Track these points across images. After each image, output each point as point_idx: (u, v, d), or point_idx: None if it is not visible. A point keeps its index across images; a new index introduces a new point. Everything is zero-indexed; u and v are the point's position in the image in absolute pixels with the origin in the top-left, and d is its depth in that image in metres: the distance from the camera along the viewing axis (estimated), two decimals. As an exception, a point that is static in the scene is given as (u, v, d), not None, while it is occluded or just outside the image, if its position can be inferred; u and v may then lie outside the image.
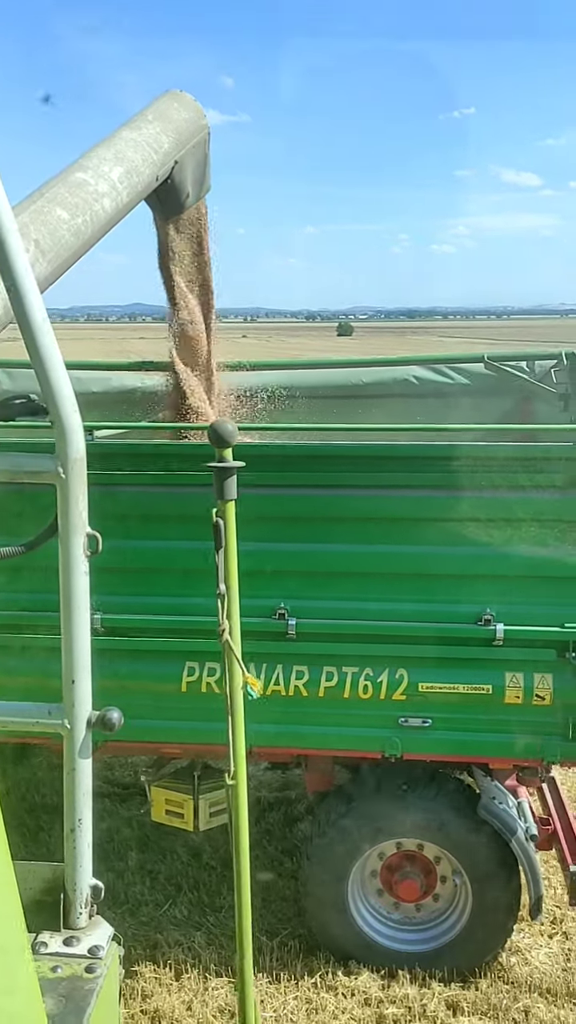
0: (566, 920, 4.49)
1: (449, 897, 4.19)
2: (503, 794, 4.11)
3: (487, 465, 3.67)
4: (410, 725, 3.86)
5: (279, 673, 3.89)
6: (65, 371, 1.76)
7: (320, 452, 3.88)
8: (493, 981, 4.08)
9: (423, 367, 5.60)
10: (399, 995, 3.96)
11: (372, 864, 4.19)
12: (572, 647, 3.72)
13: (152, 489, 3.81)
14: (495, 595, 3.74)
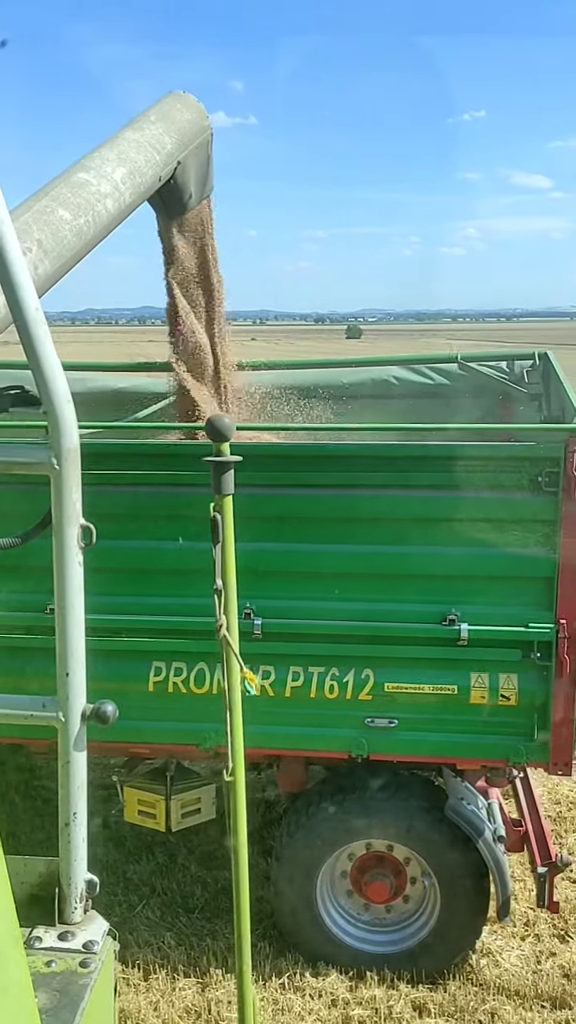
0: (538, 922, 4.47)
1: (419, 899, 4.18)
2: (472, 795, 4.10)
3: (451, 465, 3.67)
4: (376, 725, 3.85)
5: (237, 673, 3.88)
6: (59, 363, 1.76)
7: (284, 451, 3.88)
8: (462, 983, 4.07)
9: (403, 368, 5.59)
10: (366, 996, 3.95)
11: (342, 865, 4.18)
12: (536, 647, 3.71)
13: (114, 489, 3.82)
14: (460, 595, 3.73)
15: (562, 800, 5.54)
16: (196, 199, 4.57)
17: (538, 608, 3.69)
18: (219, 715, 3.93)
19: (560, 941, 4.37)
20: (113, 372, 5.96)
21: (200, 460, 3.78)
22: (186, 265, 4.71)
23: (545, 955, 4.26)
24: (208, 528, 3.79)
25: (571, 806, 5.48)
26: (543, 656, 3.70)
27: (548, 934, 4.41)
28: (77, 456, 1.81)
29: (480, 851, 3.90)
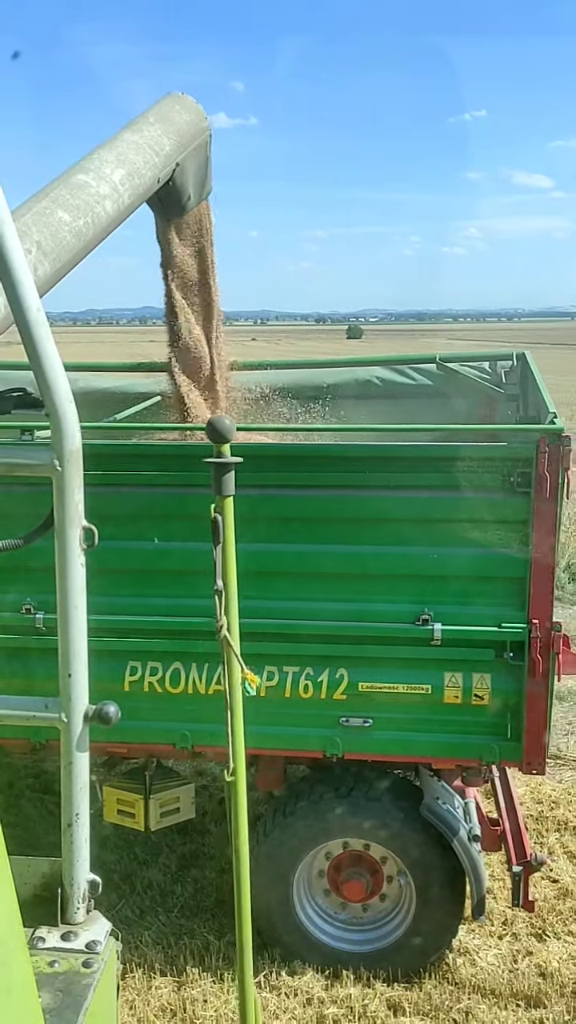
0: (516, 921, 4.48)
1: (395, 898, 4.19)
2: (449, 795, 4.11)
3: (423, 466, 3.68)
4: (351, 725, 3.86)
5: (221, 673, 3.89)
6: (61, 364, 1.77)
7: (257, 452, 3.88)
8: (438, 982, 4.08)
9: (386, 368, 5.61)
10: (341, 995, 3.97)
11: (319, 864, 4.20)
12: (509, 647, 3.72)
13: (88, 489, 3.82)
14: (433, 595, 3.74)
15: (544, 800, 5.55)
16: (195, 200, 4.60)
17: (511, 608, 3.70)
18: (194, 714, 3.99)
19: (537, 940, 4.38)
20: (109, 372, 5.98)
21: (180, 460, 3.84)
22: (184, 267, 4.72)
23: (522, 954, 4.27)
24: (183, 527, 3.85)
25: (553, 805, 5.48)
26: (516, 656, 3.71)
27: (526, 933, 4.42)
28: (79, 457, 1.82)
29: (455, 850, 3.91)
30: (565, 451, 3.54)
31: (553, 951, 4.29)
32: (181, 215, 4.59)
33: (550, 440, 3.52)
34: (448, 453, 3.71)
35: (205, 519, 3.77)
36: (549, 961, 4.20)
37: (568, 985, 4.04)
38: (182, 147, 4.31)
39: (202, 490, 3.74)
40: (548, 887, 4.78)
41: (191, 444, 4.25)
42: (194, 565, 3.85)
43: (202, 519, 3.79)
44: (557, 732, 6.43)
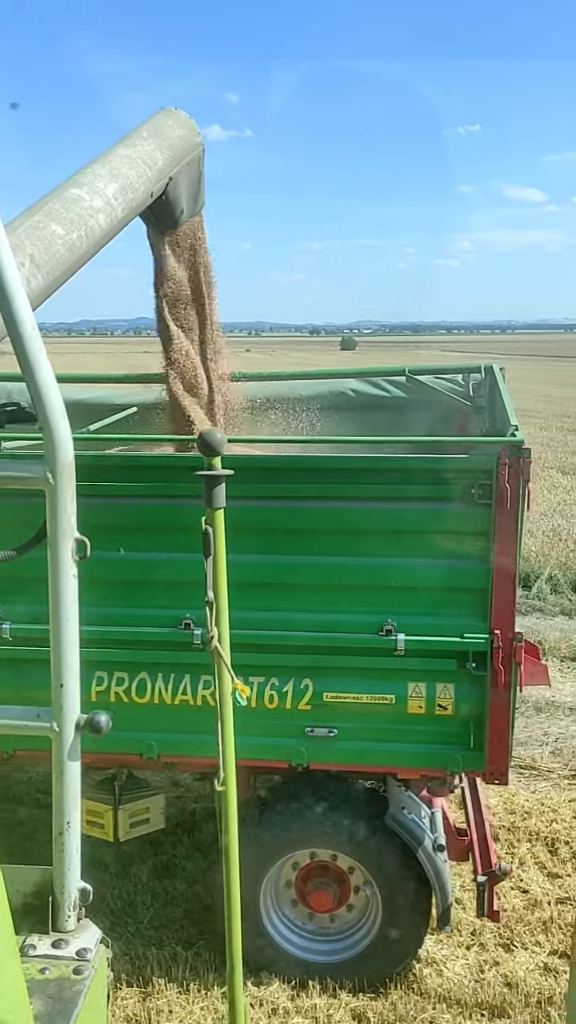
0: (484, 932, 4.50)
1: (362, 908, 4.20)
2: (415, 805, 4.13)
3: (386, 477, 3.71)
4: (316, 735, 3.88)
5: (186, 683, 3.93)
6: (53, 378, 1.79)
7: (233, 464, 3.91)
8: (404, 992, 4.09)
9: (360, 381, 5.65)
10: (307, 1005, 3.97)
11: (286, 874, 4.21)
12: (472, 657, 3.74)
13: None
14: (396, 606, 3.77)
15: (517, 810, 5.56)
16: (188, 214, 4.64)
17: (473, 618, 3.73)
18: (160, 724, 4.00)
19: (505, 950, 4.40)
20: (98, 383, 6.01)
21: (133, 471, 3.86)
22: (177, 280, 4.75)
23: (489, 964, 4.28)
24: (146, 539, 3.87)
25: (526, 816, 5.50)
26: (478, 666, 3.74)
27: (493, 943, 4.44)
28: (72, 470, 1.84)
29: (419, 860, 3.93)
30: (525, 463, 3.57)
31: (520, 961, 4.30)
32: (174, 228, 4.64)
33: (510, 452, 3.56)
34: (410, 465, 3.75)
35: (169, 531, 3.84)
36: (515, 971, 4.21)
37: (534, 995, 4.05)
38: (175, 161, 4.35)
39: (164, 501, 3.81)
40: (518, 897, 4.79)
41: (146, 455, 4.28)
42: (160, 576, 3.89)
43: (166, 531, 3.86)
44: (532, 743, 6.47)
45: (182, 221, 4.63)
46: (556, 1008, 3.96)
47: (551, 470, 18.82)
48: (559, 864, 5.06)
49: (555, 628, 8.91)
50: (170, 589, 3.87)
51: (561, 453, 21.55)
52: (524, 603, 9.64)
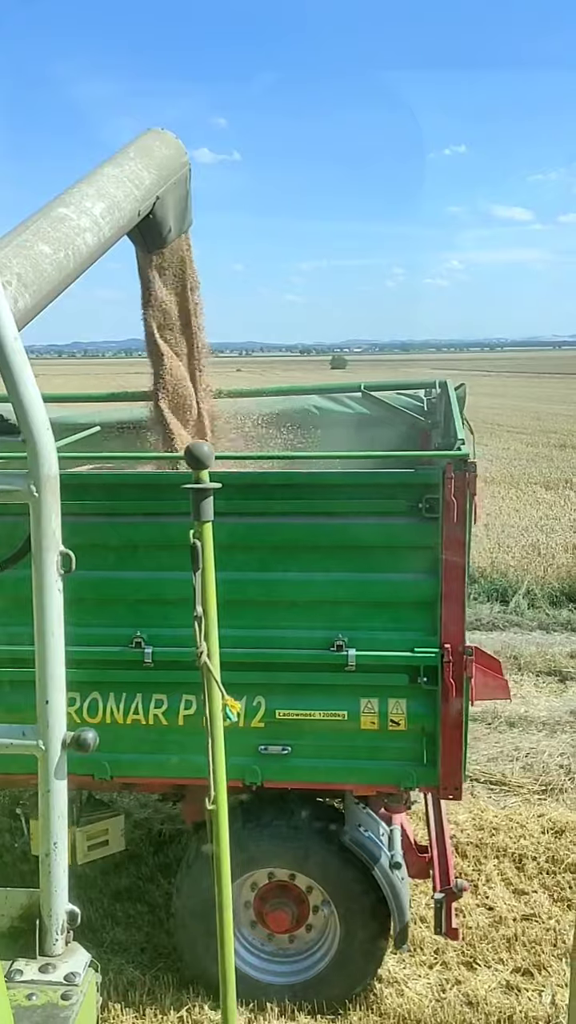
0: (447, 950, 4.45)
1: (321, 928, 4.16)
2: (373, 822, 4.09)
3: (334, 492, 3.71)
4: (270, 753, 3.85)
5: (138, 702, 3.90)
6: (37, 391, 1.78)
7: (167, 480, 3.91)
8: (364, 1013, 4.04)
9: (323, 398, 5.67)
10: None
11: (245, 895, 4.16)
12: (423, 672, 3.73)
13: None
14: (347, 621, 3.75)
15: (485, 826, 5.53)
16: (175, 233, 4.66)
17: (423, 633, 3.72)
18: (113, 745, 3.96)
19: (467, 969, 4.35)
20: (82, 403, 6.01)
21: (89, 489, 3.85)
22: (165, 301, 4.76)
23: (451, 983, 4.24)
24: (95, 556, 3.86)
25: (494, 832, 5.47)
26: (430, 680, 3.73)
27: (456, 962, 4.39)
28: (56, 484, 1.83)
29: (376, 878, 3.90)
30: (471, 477, 3.58)
31: (482, 980, 4.26)
32: (162, 248, 4.66)
33: (456, 466, 3.56)
34: (357, 480, 3.75)
35: (119, 549, 3.82)
36: (477, 990, 4.17)
37: (494, 1014, 4.01)
38: (162, 181, 4.38)
39: (119, 519, 3.80)
40: (483, 915, 4.76)
41: (102, 474, 4.27)
42: (111, 594, 3.87)
43: (116, 549, 3.84)
44: (503, 758, 6.45)
45: (169, 240, 4.65)
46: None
47: (535, 485, 18.89)
48: (525, 880, 5.02)
49: (531, 643, 8.90)
50: (121, 608, 3.85)
51: (546, 468, 21.64)
52: (502, 618, 9.66)
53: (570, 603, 10.00)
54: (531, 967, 4.33)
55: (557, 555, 11.31)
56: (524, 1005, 4.06)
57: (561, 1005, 4.05)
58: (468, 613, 9.19)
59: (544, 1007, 4.06)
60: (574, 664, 8.27)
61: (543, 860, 5.16)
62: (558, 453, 24.98)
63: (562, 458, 23.73)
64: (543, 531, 13.16)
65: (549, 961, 4.36)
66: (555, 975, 4.27)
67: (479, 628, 9.42)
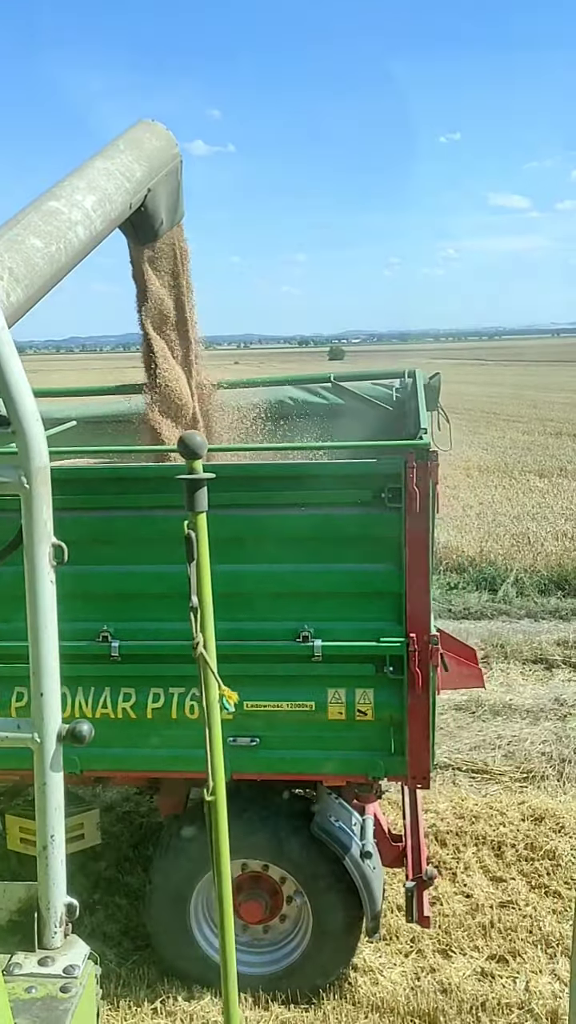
0: (423, 938, 4.46)
1: (295, 918, 4.17)
2: (345, 812, 4.11)
3: (298, 483, 3.70)
4: (238, 744, 3.86)
5: (106, 696, 3.90)
6: (26, 382, 1.77)
7: (133, 474, 3.91)
8: (338, 1002, 4.06)
9: (298, 388, 5.65)
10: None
11: (218, 886, 4.17)
12: (389, 661, 3.73)
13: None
14: (312, 612, 3.75)
15: (466, 815, 5.54)
16: (167, 225, 4.64)
17: (389, 622, 3.72)
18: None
19: (443, 956, 4.37)
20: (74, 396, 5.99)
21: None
22: (158, 293, 4.72)
23: (426, 971, 4.26)
24: (70, 550, 3.85)
25: (474, 820, 5.48)
26: (396, 670, 3.73)
27: (431, 950, 4.41)
28: (47, 475, 1.82)
29: (347, 868, 3.91)
30: (433, 466, 3.57)
31: (457, 967, 4.28)
32: (154, 240, 4.64)
33: (418, 456, 3.55)
34: (320, 471, 3.74)
35: (84, 543, 3.81)
36: (451, 977, 4.18)
37: (468, 1001, 4.02)
38: (153, 173, 4.35)
39: (84, 513, 3.79)
40: (461, 903, 4.77)
41: (70, 468, 4.26)
42: (79, 588, 3.87)
43: (81, 543, 3.82)
44: (486, 746, 6.46)
45: (162, 232, 4.63)
46: (488, 1014, 3.93)
47: (529, 474, 18.89)
48: (504, 868, 5.04)
49: (518, 631, 8.91)
50: (88, 602, 3.85)
51: (541, 456, 21.64)
52: (490, 607, 9.66)
53: (558, 591, 10.00)
54: (506, 954, 4.34)
55: (547, 543, 11.31)
56: (498, 992, 4.07)
57: (535, 991, 4.07)
58: (457, 603, 9.22)
59: (518, 993, 4.07)
60: (560, 652, 8.27)
61: (522, 847, 5.17)
62: (554, 441, 24.97)
63: (557, 446, 23.72)
64: (535, 519, 13.16)
65: (524, 948, 4.37)
66: (529, 962, 4.28)
67: (467, 617, 9.43)
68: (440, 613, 9.55)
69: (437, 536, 11.08)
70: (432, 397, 5.62)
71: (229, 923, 2.70)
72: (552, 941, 4.41)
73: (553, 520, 13.05)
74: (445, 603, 9.72)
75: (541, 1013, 3.91)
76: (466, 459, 21.58)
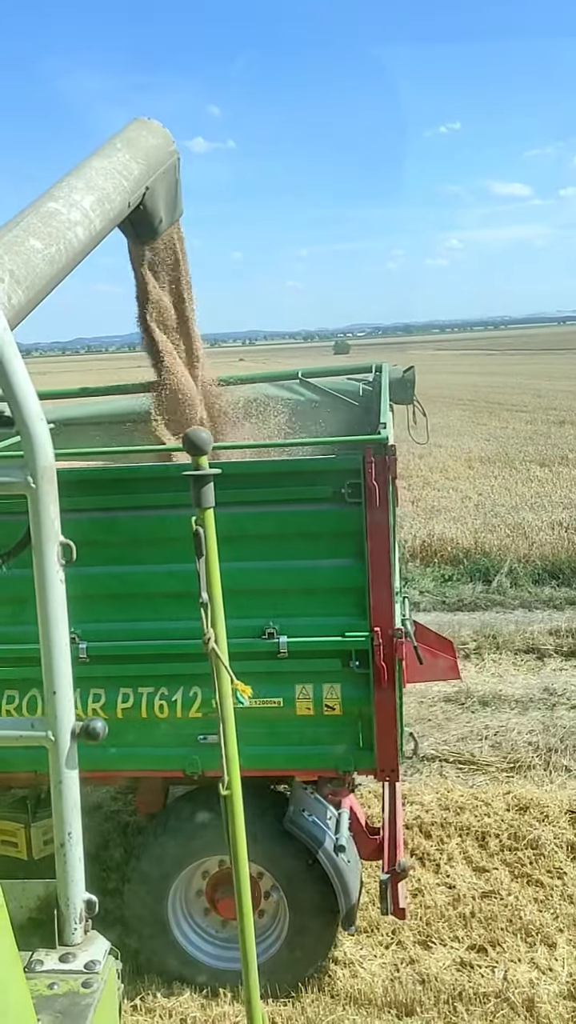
0: (404, 929, 4.48)
1: (273, 913, 4.20)
2: (320, 806, 4.12)
3: (260, 481, 3.72)
4: (209, 742, 3.87)
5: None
6: (30, 382, 1.79)
7: (97, 476, 3.93)
8: (317, 995, 4.08)
9: (273, 386, 5.67)
10: (216, 1014, 3.97)
11: (197, 883, 4.21)
12: (354, 656, 3.75)
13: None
14: (277, 609, 3.77)
15: (451, 806, 5.55)
16: (166, 223, 4.65)
17: (353, 617, 3.74)
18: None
19: (423, 947, 4.39)
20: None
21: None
22: (162, 305, 4.73)
23: (405, 963, 4.28)
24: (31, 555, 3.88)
25: (459, 811, 5.49)
26: (362, 664, 3.75)
27: (412, 941, 4.43)
28: (53, 474, 1.82)
29: (320, 862, 3.93)
30: (391, 461, 3.58)
31: (437, 958, 4.30)
32: (154, 238, 4.65)
33: (376, 451, 3.57)
34: (282, 468, 3.76)
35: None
36: (430, 968, 4.20)
37: (445, 991, 4.04)
38: (151, 171, 4.36)
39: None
40: (443, 894, 4.78)
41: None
42: (32, 591, 3.90)
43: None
44: (473, 737, 6.47)
45: (161, 230, 4.64)
46: (464, 1004, 3.95)
47: (530, 463, 18.85)
48: (487, 858, 5.05)
49: (511, 622, 8.90)
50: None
51: (542, 446, 21.57)
52: (484, 598, 9.66)
53: (553, 580, 9.98)
54: (486, 944, 4.35)
55: (542, 532, 11.28)
56: (476, 981, 4.09)
57: (512, 980, 4.08)
58: (451, 594, 9.21)
59: (496, 983, 4.09)
60: (553, 641, 8.27)
61: (505, 837, 5.18)
62: (556, 430, 24.88)
63: (560, 435, 23.64)
64: (532, 509, 13.12)
65: (504, 937, 4.39)
66: (509, 951, 4.30)
67: (461, 609, 9.43)
68: (434, 605, 9.56)
69: (434, 528, 10.99)
70: (407, 391, 5.65)
71: (249, 920, 2.72)
72: (532, 930, 4.42)
73: (551, 509, 13.01)
74: (439, 595, 9.72)
75: (517, 1002, 3.92)
76: (467, 450, 21.55)
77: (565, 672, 7.73)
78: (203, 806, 4.09)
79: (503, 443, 22.41)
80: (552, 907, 4.60)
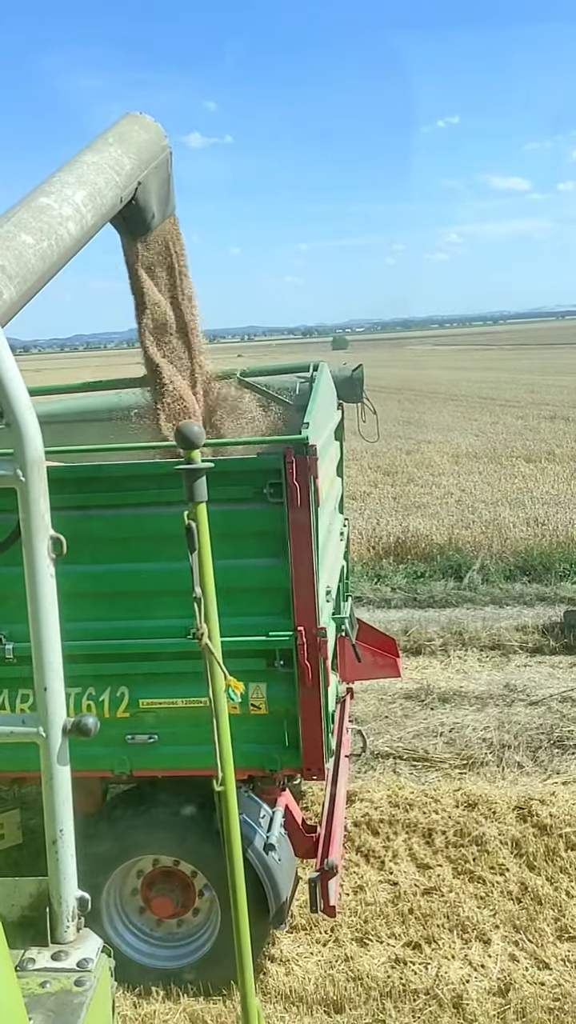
0: (342, 927, 4.50)
1: (207, 911, 4.21)
2: (254, 805, 4.14)
3: (178, 481, 3.71)
4: (137, 742, 3.90)
5: (4, 698, 3.93)
6: (19, 375, 1.77)
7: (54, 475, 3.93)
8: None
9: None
10: (145, 1012, 3.99)
11: (131, 883, 4.22)
12: (279, 655, 3.76)
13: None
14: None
15: (400, 803, 5.56)
16: (159, 218, 4.63)
17: (278, 617, 3.75)
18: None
19: (359, 945, 4.40)
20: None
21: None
22: (159, 307, 4.70)
23: (340, 960, 4.29)
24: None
25: (408, 808, 5.50)
26: (286, 664, 3.76)
27: (349, 939, 4.44)
28: (42, 467, 1.81)
29: (250, 860, 3.94)
30: (312, 460, 3.59)
31: (372, 955, 4.31)
32: (146, 233, 4.63)
33: (296, 450, 3.57)
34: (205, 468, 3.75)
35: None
36: (364, 965, 4.21)
37: (377, 988, 4.05)
38: (143, 165, 4.34)
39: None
40: (385, 890, 4.80)
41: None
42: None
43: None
44: (428, 734, 6.48)
45: (154, 225, 4.62)
46: (394, 1001, 3.97)
47: (516, 459, 18.86)
48: (432, 855, 5.06)
49: (479, 618, 8.90)
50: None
51: (531, 441, 21.58)
52: (455, 594, 9.66)
53: (524, 576, 9.99)
54: (421, 940, 4.37)
55: (516, 528, 11.29)
56: (408, 978, 4.10)
57: (443, 977, 4.10)
58: (423, 591, 9.17)
59: (428, 979, 4.10)
60: (519, 638, 8.28)
61: (451, 834, 5.19)
62: (547, 425, 24.90)
63: (549, 430, 23.66)
64: (511, 505, 13.12)
65: (440, 934, 4.40)
66: (444, 948, 4.31)
67: (432, 605, 9.43)
68: (405, 602, 9.57)
69: (409, 525, 10.88)
70: (355, 389, 5.64)
71: (244, 920, 2.72)
72: (468, 927, 4.44)
73: (530, 506, 13.01)
74: (411, 592, 9.73)
75: (446, 999, 3.94)
76: (456, 445, 21.56)
77: (529, 668, 7.74)
78: (134, 805, 4.10)
79: (491, 439, 22.43)
80: (491, 904, 4.61)
